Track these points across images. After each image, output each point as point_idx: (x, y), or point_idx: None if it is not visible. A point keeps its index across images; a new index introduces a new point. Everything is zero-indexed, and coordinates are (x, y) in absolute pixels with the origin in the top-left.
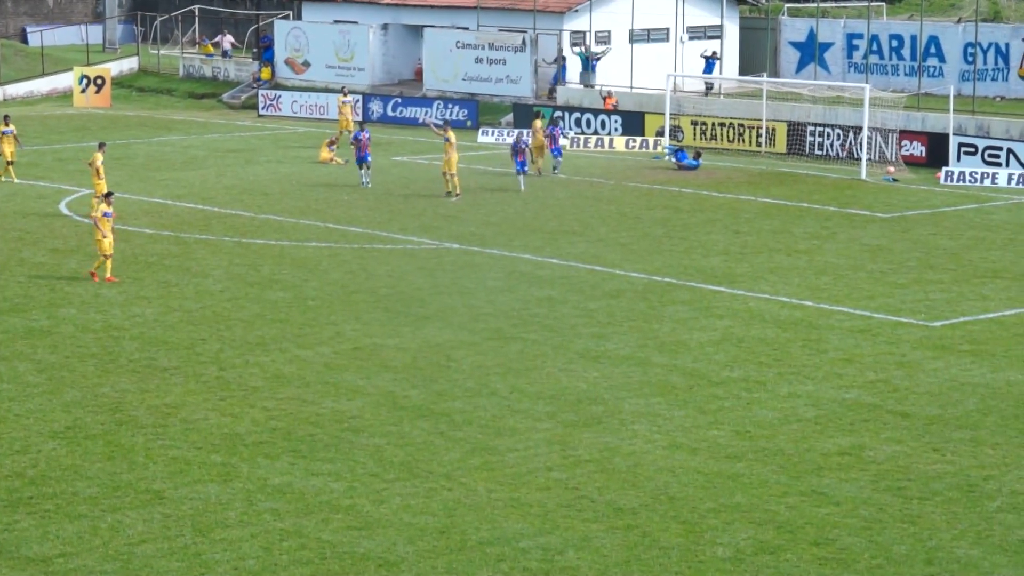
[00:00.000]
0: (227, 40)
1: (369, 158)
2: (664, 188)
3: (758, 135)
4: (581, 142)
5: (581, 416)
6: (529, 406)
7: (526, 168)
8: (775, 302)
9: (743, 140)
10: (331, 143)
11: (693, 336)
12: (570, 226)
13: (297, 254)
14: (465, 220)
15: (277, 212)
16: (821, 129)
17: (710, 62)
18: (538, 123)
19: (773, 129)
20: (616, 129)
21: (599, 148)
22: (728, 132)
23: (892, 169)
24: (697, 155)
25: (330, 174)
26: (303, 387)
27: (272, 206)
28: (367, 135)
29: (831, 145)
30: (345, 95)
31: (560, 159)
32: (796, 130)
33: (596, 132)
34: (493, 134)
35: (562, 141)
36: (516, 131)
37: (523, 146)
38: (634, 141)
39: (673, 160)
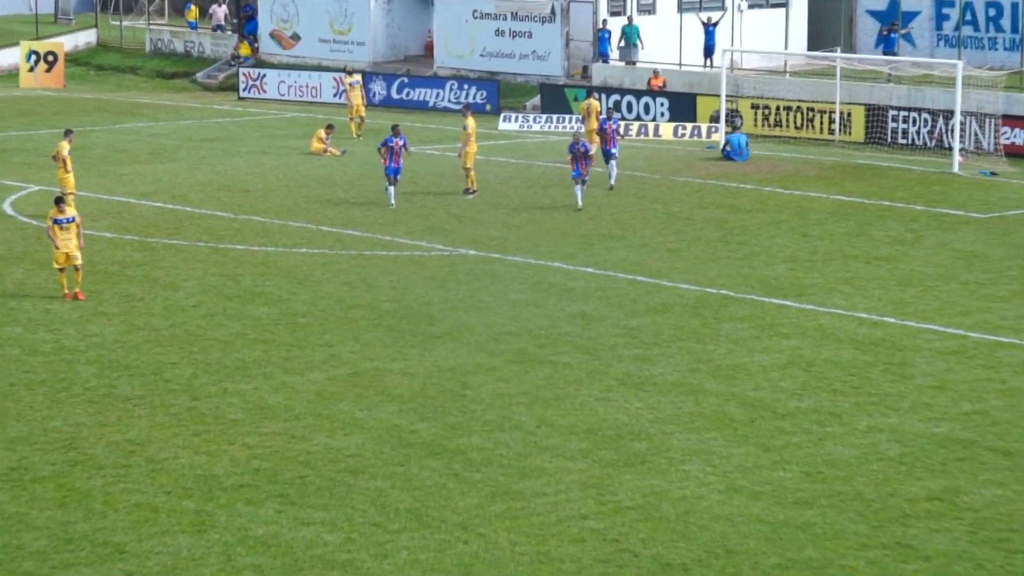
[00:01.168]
0: (221, 10)
1: (399, 173)
2: (720, 184)
3: (831, 121)
4: (622, 129)
5: (621, 454)
6: (560, 442)
7: (584, 176)
8: (851, 318)
9: (813, 127)
10: (327, 131)
11: (754, 359)
12: (608, 229)
13: (284, 262)
14: (483, 222)
15: (261, 212)
16: (905, 114)
17: (709, 30)
18: (594, 103)
19: (848, 114)
20: (663, 114)
21: (643, 136)
22: (795, 117)
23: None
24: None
25: (324, 167)
26: (292, 420)
27: (255, 205)
28: (402, 141)
29: (917, 133)
30: (351, 75)
31: (614, 166)
32: (875, 115)
33: (639, 118)
34: (517, 120)
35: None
36: (572, 123)
37: (582, 149)
38: (684, 128)
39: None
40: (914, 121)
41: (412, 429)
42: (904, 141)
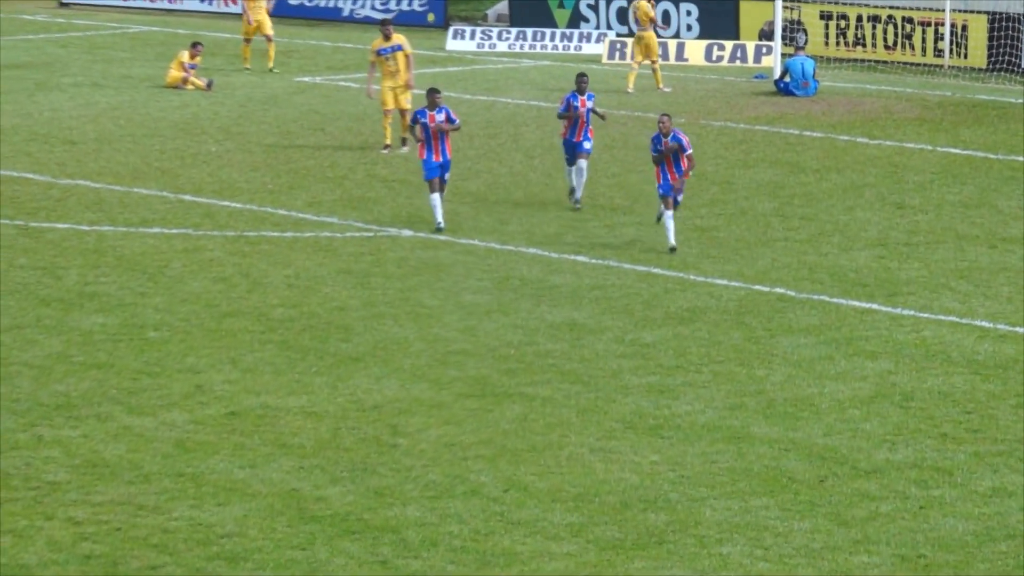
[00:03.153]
0: None
1: (448, 170)
2: (774, 130)
3: (938, 37)
4: (629, 50)
5: (629, 532)
6: (538, 514)
7: (679, 191)
8: (969, 329)
9: (911, 47)
10: (192, 52)
11: (825, 390)
12: (608, 198)
13: (128, 248)
14: (424, 187)
15: (93, 175)
16: None
17: None
18: (644, 5)
19: (964, 27)
20: (689, 27)
21: (661, 60)
22: (886, 32)
23: None
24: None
25: (186, 107)
26: (139, 483)
27: (84, 164)
28: (442, 115)
29: None
30: None
31: (585, 165)
32: (1003, 28)
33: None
34: (473, 37)
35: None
36: (557, 41)
37: (674, 143)
38: (721, 49)
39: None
40: None
41: (318, 496)
42: None
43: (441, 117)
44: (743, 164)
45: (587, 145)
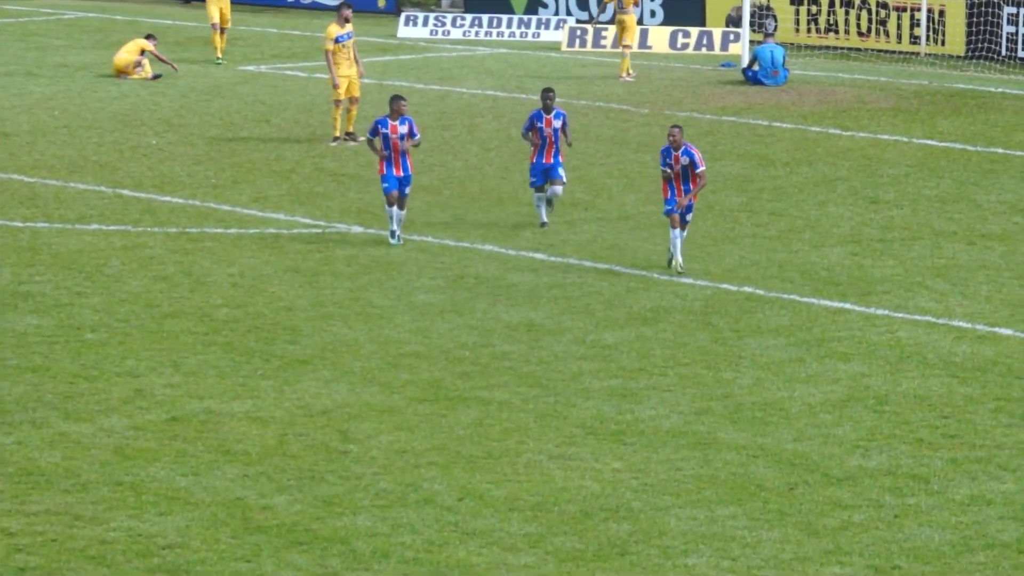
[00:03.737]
0: None
1: (408, 184)
2: (742, 121)
3: (913, 23)
4: (590, 37)
5: (590, 542)
6: (495, 524)
7: (560, 172)
8: (946, 329)
9: (886, 33)
10: (151, 41)
11: (795, 393)
12: (568, 192)
13: (65, 245)
14: (373, 182)
15: (27, 169)
16: None
17: None
18: None
19: (941, 12)
20: (653, 13)
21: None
22: (859, 18)
23: None
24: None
25: (126, 98)
26: (76, 492)
27: (18, 157)
28: (405, 127)
29: None
30: None
31: (560, 192)
32: (982, 13)
33: (616, 20)
34: (427, 23)
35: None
36: (515, 28)
37: (686, 159)
38: (686, 36)
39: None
40: None
41: (264, 505)
42: None
43: (404, 130)
44: (709, 157)
45: (560, 171)
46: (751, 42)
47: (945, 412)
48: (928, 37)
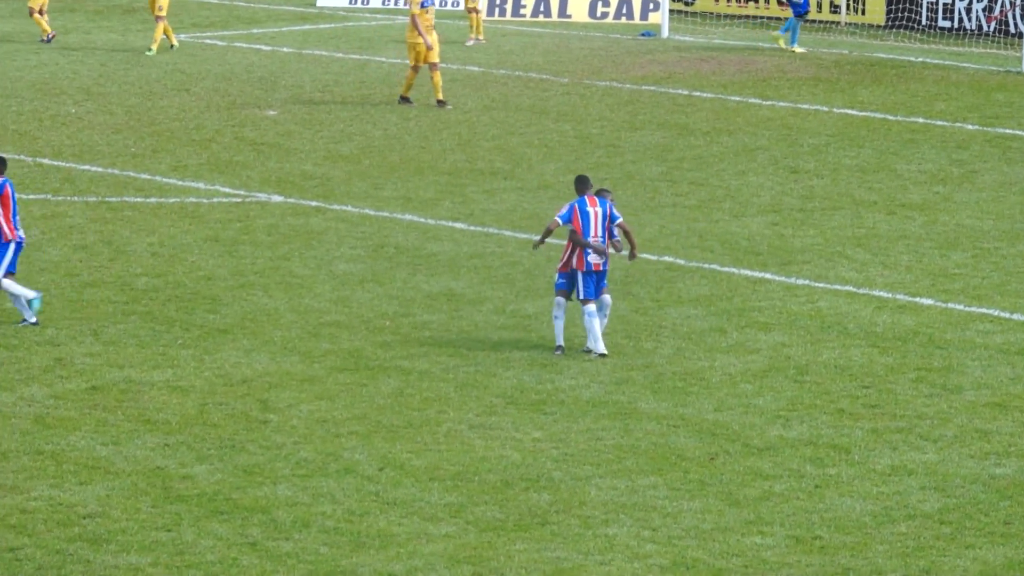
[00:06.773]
0: None
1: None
2: (661, 91)
3: None
4: (510, 5)
5: (511, 512)
6: (415, 494)
7: (601, 281)
8: (866, 299)
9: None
10: None
11: (715, 363)
12: (488, 161)
13: None
14: (294, 151)
15: None
16: None
17: None
18: None
19: None
20: None
21: (542, 17)
22: None
23: None
24: None
25: (44, 65)
26: None
27: None
28: (605, 209)
29: (968, 11)
30: None
31: (608, 306)
32: None
33: None
34: None
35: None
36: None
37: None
38: (607, 5)
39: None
40: None
41: (185, 474)
42: (947, 24)
43: (603, 213)
44: (629, 126)
45: (604, 282)
46: (672, 11)
47: (866, 382)
48: (848, 6)
